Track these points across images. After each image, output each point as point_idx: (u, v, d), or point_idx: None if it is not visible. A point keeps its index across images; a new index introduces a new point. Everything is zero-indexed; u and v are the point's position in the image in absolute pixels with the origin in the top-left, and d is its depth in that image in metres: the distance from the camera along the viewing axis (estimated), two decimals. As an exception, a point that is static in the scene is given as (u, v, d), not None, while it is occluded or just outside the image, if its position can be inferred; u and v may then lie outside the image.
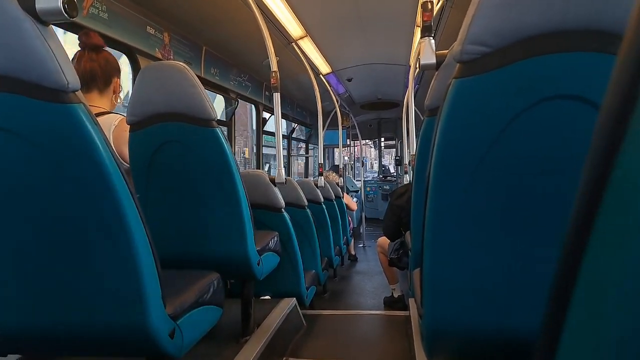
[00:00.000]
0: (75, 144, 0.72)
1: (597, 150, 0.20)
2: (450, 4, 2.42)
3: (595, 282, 0.21)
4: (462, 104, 0.65)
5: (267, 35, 1.89)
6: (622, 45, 0.19)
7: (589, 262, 0.21)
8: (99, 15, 1.74)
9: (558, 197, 0.65)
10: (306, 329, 2.06)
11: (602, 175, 0.20)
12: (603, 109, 0.20)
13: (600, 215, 0.20)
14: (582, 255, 0.22)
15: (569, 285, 0.23)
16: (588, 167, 0.21)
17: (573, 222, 0.22)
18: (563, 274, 0.23)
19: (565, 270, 0.23)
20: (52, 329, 0.85)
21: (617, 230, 0.19)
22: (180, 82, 1.22)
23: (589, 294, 0.22)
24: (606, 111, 0.20)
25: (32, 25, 0.66)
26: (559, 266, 0.24)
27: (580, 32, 0.59)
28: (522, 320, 0.71)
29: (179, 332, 0.88)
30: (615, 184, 0.19)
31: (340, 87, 5.01)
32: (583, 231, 0.21)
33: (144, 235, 0.80)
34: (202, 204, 1.34)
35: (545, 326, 0.25)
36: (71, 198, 0.76)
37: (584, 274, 0.22)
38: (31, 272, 0.82)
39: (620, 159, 0.19)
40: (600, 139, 0.20)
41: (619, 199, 0.19)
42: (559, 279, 0.24)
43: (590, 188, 0.21)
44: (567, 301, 0.23)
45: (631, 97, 0.18)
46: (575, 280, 0.22)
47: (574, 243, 0.22)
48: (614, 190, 0.19)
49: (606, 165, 0.19)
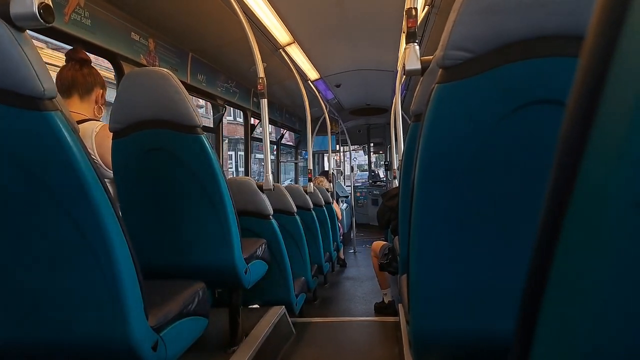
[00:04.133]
0: (51, 152, 0.70)
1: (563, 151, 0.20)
2: (435, 10, 2.45)
3: (565, 283, 0.21)
4: (444, 109, 0.66)
5: (254, 42, 1.88)
6: (582, 46, 0.19)
7: (559, 264, 0.22)
8: (81, 22, 1.71)
9: (540, 200, 0.65)
10: (296, 337, 2.04)
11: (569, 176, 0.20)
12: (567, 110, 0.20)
13: (568, 217, 0.20)
14: (552, 257, 0.22)
15: (539, 287, 0.23)
16: (555, 168, 0.21)
17: (542, 223, 0.22)
18: (534, 275, 0.24)
19: (535, 271, 0.23)
20: (29, 343, 0.83)
21: (584, 231, 0.20)
22: (164, 89, 1.21)
23: (559, 295, 0.22)
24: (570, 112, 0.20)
25: (6, 31, 0.65)
26: (530, 268, 0.24)
27: (560, 37, 0.60)
28: (507, 325, 0.71)
29: (162, 345, 0.85)
30: (581, 185, 0.19)
31: (328, 93, 5.02)
32: (552, 233, 0.21)
33: (125, 245, 0.78)
34: (188, 212, 1.32)
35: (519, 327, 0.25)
36: (48, 207, 0.74)
37: (554, 275, 0.22)
38: (6, 284, 0.80)
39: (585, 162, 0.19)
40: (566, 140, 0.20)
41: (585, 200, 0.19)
42: (530, 280, 0.24)
43: (558, 189, 0.21)
44: (538, 302, 0.23)
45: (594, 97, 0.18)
46: (546, 282, 0.22)
47: (543, 245, 0.22)
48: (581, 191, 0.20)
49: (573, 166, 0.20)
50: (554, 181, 0.21)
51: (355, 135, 7.23)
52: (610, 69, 0.18)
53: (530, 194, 0.66)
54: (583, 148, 0.19)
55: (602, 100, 0.18)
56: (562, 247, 0.21)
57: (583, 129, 0.19)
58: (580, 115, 0.19)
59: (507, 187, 0.67)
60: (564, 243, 0.21)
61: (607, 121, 0.18)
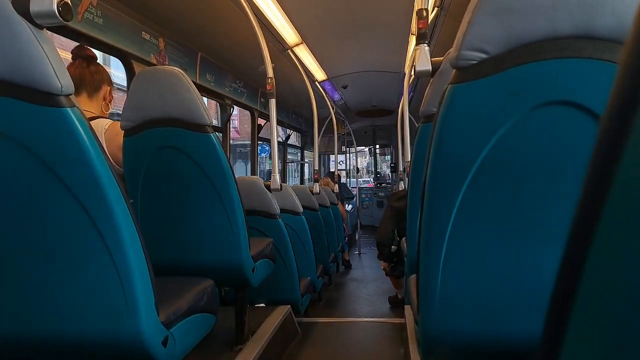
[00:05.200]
0: (67, 148, 0.71)
1: (599, 154, 0.20)
2: (444, 12, 2.45)
3: (598, 288, 0.21)
4: (458, 109, 0.66)
5: (263, 42, 1.89)
6: (623, 51, 0.19)
7: (591, 268, 0.21)
8: (93, 21, 1.73)
9: (554, 203, 0.65)
10: (301, 337, 2.04)
11: (604, 180, 0.20)
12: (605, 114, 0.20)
13: (603, 221, 0.20)
14: (585, 261, 0.21)
15: (570, 292, 0.22)
16: (590, 173, 0.21)
17: (575, 227, 0.22)
18: (565, 280, 0.23)
19: (567, 276, 0.23)
20: (42, 338, 0.83)
21: (619, 235, 0.19)
22: (175, 88, 1.22)
23: (591, 300, 0.21)
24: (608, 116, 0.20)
25: (26, 28, 0.66)
26: (560, 272, 0.23)
27: (573, 38, 0.60)
28: (518, 327, 0.71)
29: (172, 340, 0.86)
30: (618, 188, 0.19)
31: (335, 94, 5.02)
32: (585, 236, 0.21)
33: (137, 242, 0.79)
34: (197, 210, 1.33)
35: (547, 333, 0.25)
36: (63, 202, 0.74)
37: (586, 279, 0.21)
38: (20, 279, 0.81)
39: (623, 164, 0.19)
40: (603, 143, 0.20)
41: (621, 204, 0.19)
42: (561, 285, 0.23)
43: (593, 193, 0.21)
44: (569, 308, 0.23)
45: (633, 102, 0.18)
46: (577, 287, 0.22)
47: (575, 249, 0.22)
48: (617, 195, 0.19)
49: (609, 170, 0.19)
50: (589, 184, 0.21)
51: (361, 137, 7.23)
52: None
53: (544, 194, 0.66)
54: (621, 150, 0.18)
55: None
56: (595, 252, 0.21)
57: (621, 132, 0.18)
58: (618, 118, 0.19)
59: (521, 189, 0.66)
60: (597, 247, 0.20)
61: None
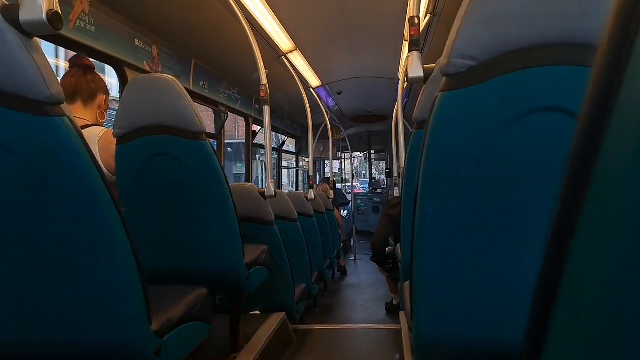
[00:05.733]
0: (58, 157, 0.71)
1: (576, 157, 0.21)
2: (437, 18, 2.47)
3: (577, 291, 0.21)
4: (448, 116, 0.66)
5: (257, 49, 1.90)
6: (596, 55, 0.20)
7: (570, 271, 0.21)
8: (85, 29, 1.73)
9: (544, 209, 0.65)
10: (296, 344, 2.02)
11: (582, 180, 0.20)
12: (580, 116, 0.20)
13: (582, 219, 0.20)
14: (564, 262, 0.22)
15: (550, 296, 0.23)
16: (568, 174, 0.21)
17: (554, 226, 0.22)
18: (545, 284, 0.23)
19: (547, 279, 0.23)
20: (33, 347, 0.82)
21: (598, 234, 0.20)
22: (169, 95, 1.22)
23: (571, 299, 0.22)
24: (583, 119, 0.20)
25: (15, 37, 0.65)
26: (541, 272, 0.24)
27: (562, 45, 0.61)
28: (512, 332, 0.71)
29: (165, 350, 0.85)
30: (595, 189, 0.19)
31: (330, 100, 5.04)
32: (565, 235, 0.21)
33: (130, 250, 0.78)
34: (191, 218, 1.32)
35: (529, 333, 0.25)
36: (54, 211, 0.74)
37: (565, 283, 0.22)
38: (11, 287, 0.80)
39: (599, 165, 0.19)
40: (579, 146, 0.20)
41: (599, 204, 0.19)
42: (541, 288, 0.24)
43: (571, 194, 0.21)
44: (550, 307, 0.23)
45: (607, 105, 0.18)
46: (557, 290, 0.22)
47: (555, 248, 0.22)
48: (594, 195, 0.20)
49: (586, 171, 0.20)
50: (566, 187, 0.21)
51: (356, 142, 7.25)
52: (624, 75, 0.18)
53: (535, 200, 0.66)
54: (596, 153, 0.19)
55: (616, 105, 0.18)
56: (574, 255, 0.21)
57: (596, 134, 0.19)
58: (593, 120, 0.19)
59: (511, 194, 0.67)
60: (575, 250, 0.21)
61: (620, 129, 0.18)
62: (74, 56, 1.46)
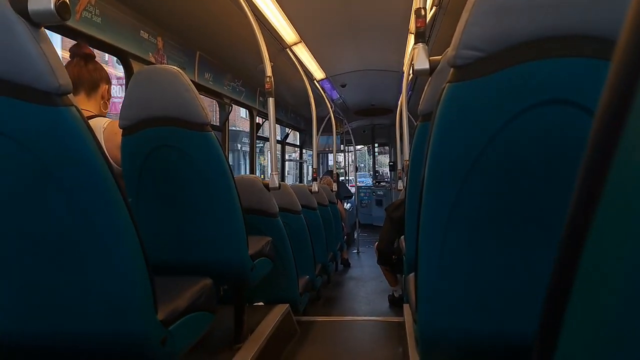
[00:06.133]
0: (66, 147, 0.71)
1: (593, 153, 0.20)
2: (443, 10, 2.45)
3: (593, 284, 0.21)
4: (455, 108, 0.66)
5: (262, 41, 1.89)
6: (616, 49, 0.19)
7: (586, 265, 0.21)
8: (92, 19, 1.73)
9: (551, 201, 0.65)
10: (300, 336, 2.04)
11: (598, 177, 0.20)
12: (598, 112, 0.20)
13: (598, 217, 0.20)
14: (579, 258, 0.21)
15: (565, 291, 0.22)
16: (584, 170, 0.21)
17: (569, 223, 0.22)
18: (560, 276, 0.23)
19: (561, 274, 0.23)
20: (41, 337, 0.84)
21: (614, 231, 0.19)
22: (174, 86, 1.22)
23: (586, 296, 0.22)
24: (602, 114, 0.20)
25: (24, 27, 0.65)
26: (555, 269, 0.24)
27: (572, 37, 0.60)
28: (517, 325, 0.71)
29: (171, 339, 0.86)
30: (612, 186, 0.19)
31: (334, 93, 5.02)
32: (580, 233, 0.21)
33: (136, 241, 0.79)
34: (195, 209, 1.33)
35: (542, 330, 0.25)
36: (62, 202, 0.74)
37: (581, 276, 0.22)
38: (19, 278, 0.81)
39: (617, 161, 0.19)
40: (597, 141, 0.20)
41: (616, 200, 0.19)
42: (556, 283, 0.24)
43: (587, 190, 0.21)
44: (564, 304, 0.23)
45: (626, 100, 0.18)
46: (572, 285, 0.22)
47: (570, 246, 0.22)
48: (611, 192, 0.19)
49: (603, 168, 0.19)
50: (583, 182, 0.21)
51: (360, 136, 7.23)
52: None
53: (542, 194, 0.66)
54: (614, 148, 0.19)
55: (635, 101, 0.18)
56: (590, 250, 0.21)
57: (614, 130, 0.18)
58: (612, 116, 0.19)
59: (518, 188, 0.67)
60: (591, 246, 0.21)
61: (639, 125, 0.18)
62: (74, 45, 1.42)
